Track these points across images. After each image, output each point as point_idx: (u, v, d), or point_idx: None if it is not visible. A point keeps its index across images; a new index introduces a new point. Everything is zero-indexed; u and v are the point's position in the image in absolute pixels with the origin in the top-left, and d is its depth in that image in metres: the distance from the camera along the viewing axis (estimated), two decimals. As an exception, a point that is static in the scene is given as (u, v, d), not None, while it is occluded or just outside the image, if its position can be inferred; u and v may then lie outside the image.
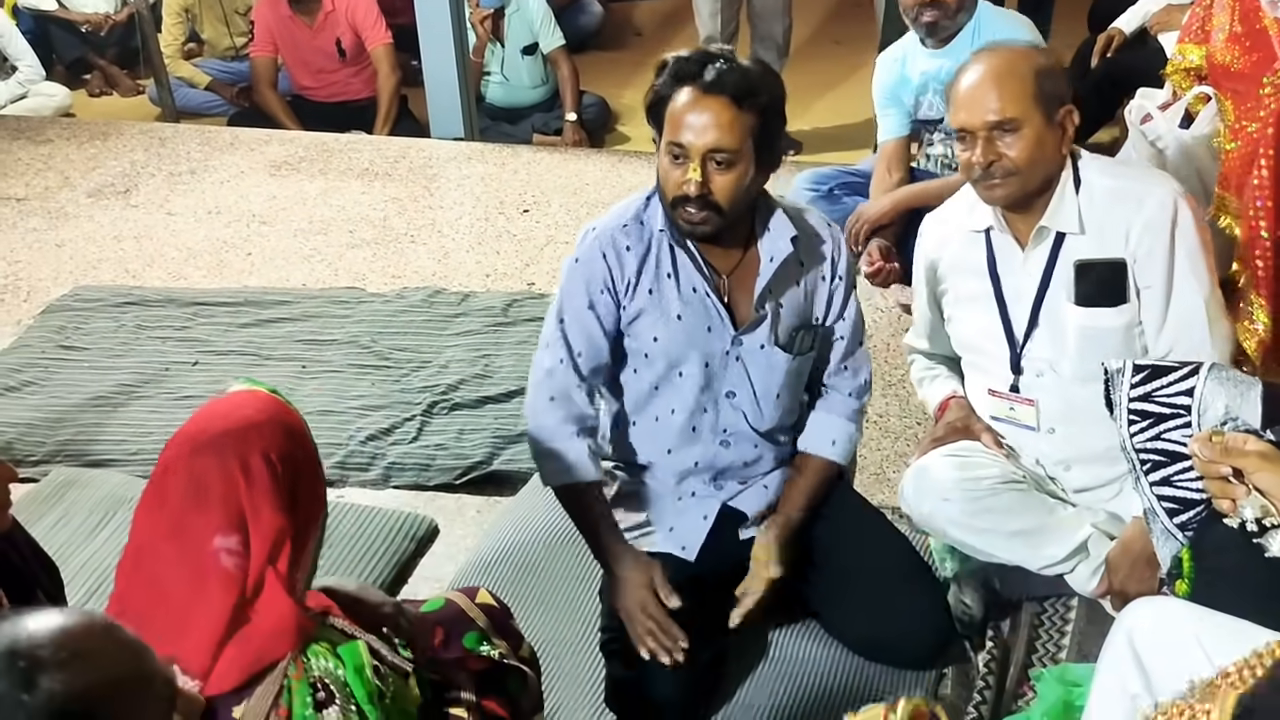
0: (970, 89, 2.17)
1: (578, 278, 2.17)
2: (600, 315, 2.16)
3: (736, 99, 1.99)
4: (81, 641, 0.98)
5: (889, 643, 2.25)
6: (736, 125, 1.99)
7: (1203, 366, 1.87)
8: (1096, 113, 4.33)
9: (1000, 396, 2.36)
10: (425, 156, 4.86)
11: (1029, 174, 2.17)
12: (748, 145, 2.01)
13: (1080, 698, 1.91)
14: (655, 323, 2.16)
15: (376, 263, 4.03)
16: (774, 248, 2.14)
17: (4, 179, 4.69)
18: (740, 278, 2.17)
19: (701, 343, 2.17)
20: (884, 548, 2.29)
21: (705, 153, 1.99)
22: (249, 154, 4.89)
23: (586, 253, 2.17)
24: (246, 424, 1.45)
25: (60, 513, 2.73)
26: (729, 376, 2.20)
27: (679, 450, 2.25)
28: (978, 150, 2.15)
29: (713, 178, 2.01)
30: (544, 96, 5.44)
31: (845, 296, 2.25)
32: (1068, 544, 2.29)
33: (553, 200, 4.44)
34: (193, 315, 3.62)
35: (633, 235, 2.15)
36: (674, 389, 2.20)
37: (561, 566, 2.55)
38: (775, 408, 2.24)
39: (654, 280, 2.15)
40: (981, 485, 2.28)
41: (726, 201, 2.03)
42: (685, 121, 2.00)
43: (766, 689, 2.25)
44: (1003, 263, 2.30)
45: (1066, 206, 2.21)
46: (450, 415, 3.14)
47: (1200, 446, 1.59)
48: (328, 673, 1.42)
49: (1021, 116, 2.13)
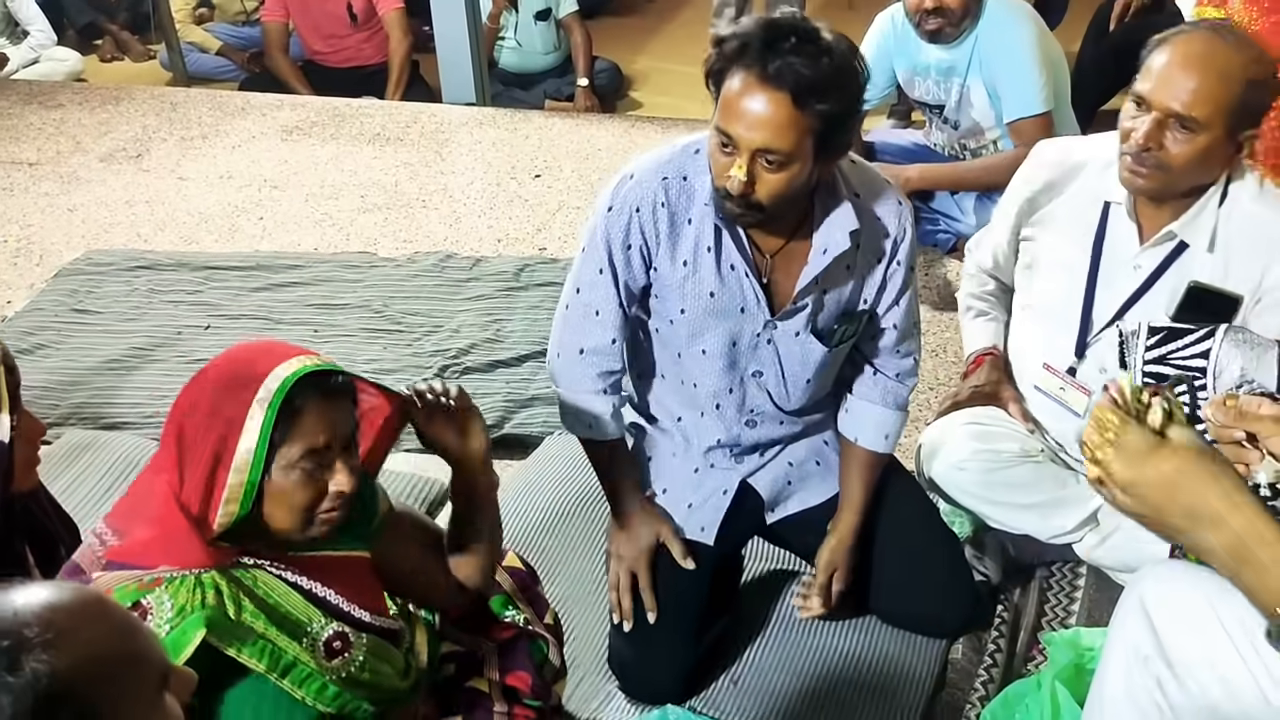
0: (1170, 66, 1.96)
1: (608, 228, 1.96)
2: (623, 270, 1.98)
3: (799, 98, 1.71)
4: (69, 619, 0.95)
5: (921, 612, 2.24)
6: (793, 126, 1.72)
7: (1219, 328, 1.85)
8: (1114, 78, 4.29)
9: (1055, 374, 2.26)
10: (437, 122, 4.84)
11: (1180, 178, 2.01)
12: (805, 146, 1.75)
13: (1092, 661, 1.91)
14: (685, 295, 1.98)
15: (388, 227, 4.02)
16: (829, 239, 1.91)
17: (16, 144, 4.69)
18: (785, 260, 1.97)
19: (732, 322, 2.00)
20: (914, 516, 2.24)
21: (754, 150, 1.75)
22: (260, 119, 4.88)
23: (620, 204, 1.95)
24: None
25: (74, 475, 2.74)
26: (758, 357, 2.05)
27: (704, 421, 2.14)
28: (1143, 128, 1.97)
29: (760, 175, 1.77)
30: (557, 62, 5.41)
31: (903, 282, 2.03)
32: (1078, 515, 2.29)
33: (564, 165, 4.43)
34: (205, 279, 3.63)
35: (672, 191, 1.93)
36: (696, 362, 2.06)
37: (572, 529, 2.56)
38: (804, 391, 2.10)
39: (691, 252, 1.95)
40: (999, 458, 2.27)
41: (770, 201, 1.81)
42: (737, 110, 1.74)
43: (775, 653, 2.25)
44: (1112, 246, 2.15)
45: (1204, 220, 2.07)
46: (462, 379, 3.14)
47: (1214, 410, 1.57)
48: (158, 601, 1.37)
49: (1205, 121, 1.94)
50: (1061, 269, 2.22)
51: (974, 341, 2.44)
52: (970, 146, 3.54)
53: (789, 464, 2.21)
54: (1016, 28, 3.30)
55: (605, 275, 1.99)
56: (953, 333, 3.26)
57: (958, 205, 3.57)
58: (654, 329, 2.09)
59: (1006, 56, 3.29)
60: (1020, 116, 3.31)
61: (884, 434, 2.16)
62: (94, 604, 1.00)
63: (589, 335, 2.03)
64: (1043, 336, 2.29)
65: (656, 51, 5.88)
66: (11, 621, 0.93)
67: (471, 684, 1.80)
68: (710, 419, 2.13)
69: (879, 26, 3.51)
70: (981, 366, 2.40)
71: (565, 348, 2.07)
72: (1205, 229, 2.07)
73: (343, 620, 1.53)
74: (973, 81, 3.37)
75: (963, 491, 2.32)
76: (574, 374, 2.07)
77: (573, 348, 2.06)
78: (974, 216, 3.46)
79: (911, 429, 2.85)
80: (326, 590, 1.54)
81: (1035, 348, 2.31)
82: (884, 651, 2.25)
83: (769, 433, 2.16)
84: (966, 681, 2.20)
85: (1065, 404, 2.27)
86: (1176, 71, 1.95)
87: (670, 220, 1.94)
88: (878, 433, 2.15)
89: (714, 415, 2.12)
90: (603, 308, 2.02)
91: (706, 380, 2.08)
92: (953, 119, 3.49)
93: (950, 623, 2.25)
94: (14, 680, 0.90)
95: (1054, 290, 2.24)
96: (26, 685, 0.90)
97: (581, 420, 2.09)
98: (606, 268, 1.99)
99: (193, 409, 1.44)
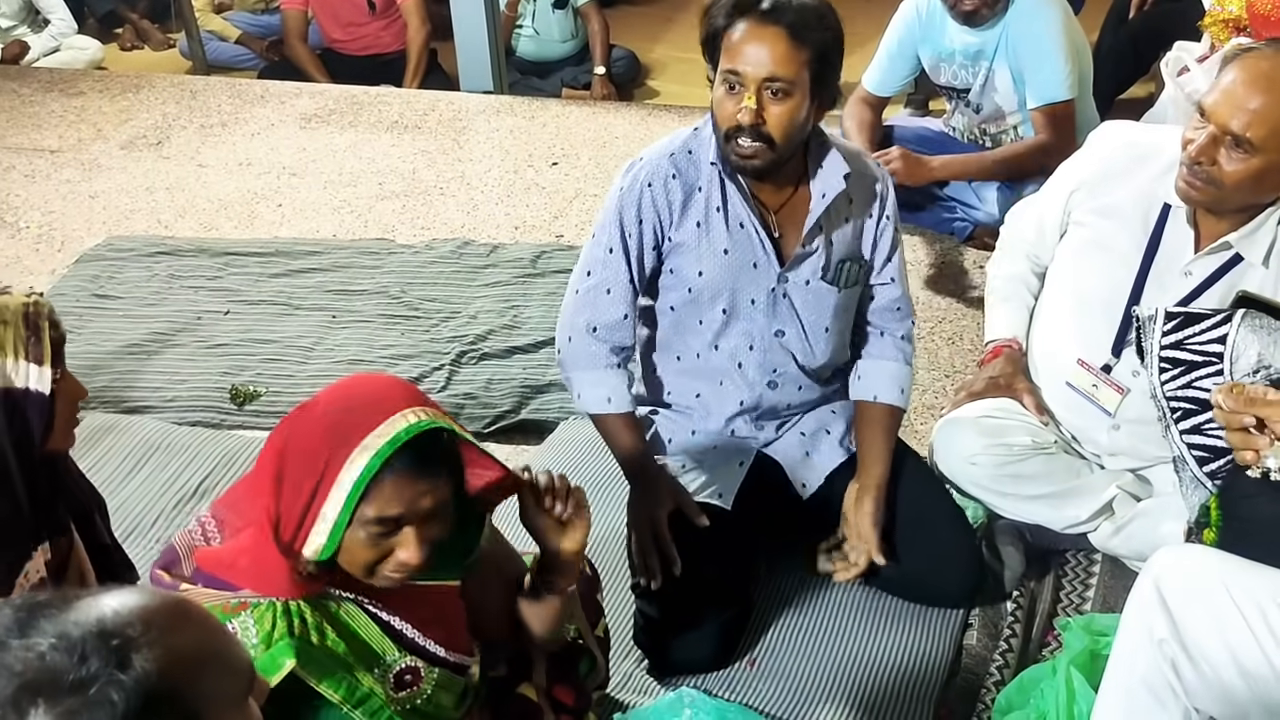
0: (1236, 83, 1.92)
1: (621, 206, 2.13)
2: (635, 248, 2.13)
3: (794, 30, 1.94)
4: (167, 621, 0.95)
5: (928, 582, 2.26)
6: (793, 56, 1.95)
7: (1236, 314, 1.85)
8: (1133, 66, 4.28)
9: (1090, 370, 2.24)
10: (454, 110, 4.85)
11: (1231, 194, 1.99)
12: (804, 77, 1.96)
13: (1106, 647, 1.92)
14: (701, 256, 2.12)
15: (405, 214, 4.03)
16: (826, 184, 2.10)
17: (38, 131, 4.72)
18: (789, 214, 2.13)
19: (747, 278, 2.14)
20: (922, 489, 2.28)
21: (761, 82, 1.95)
22: (279, 107, 4.90)
23: (630, 181, 2.13)
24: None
25: (97, 457, 2.76)
26: (778, 314, 2.17)
27: (725, 388, 2.23)
28: (1200, 142, 1.95)
29: (767, 107, 1.97)
30: (574, 50, 5.41)
31: (893, 237, 2.21)
32: (1092, 505, 2.28)
33: (581, 153, 4.43)
34: (224, 265, 3.65)
35: (680, 164, 2.12)
36: (718, 325, 2.18)
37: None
38: (825, 343, 2.21)
39: (703, 213, 2.11)
40: (1011, 452, 2.27)
41: (780, 134, 1.98)
42: (742, 51, 1.96)
43: (791, 636, 2.26)
44: (1166, 248, 2.13)
45: (1262, 235, 2.04)
46: (479, 365, 3.16)
47: (1223, 397, 1.58)
48: (243, 627, 1.38)
49: (1260, 144, 1.91)
50: (1112, 261, 2.19)
51: (994, 329, 2.43)
52: (990, 131, 3.53)
53: (801, 434, 2.30)
54: (1045, 14, 3.30)
55: (616, 254, 2.13)
56: (969, 321, 3.26)
57: (976, 194, 3.56)
58: (669, 307, 2.19)
59: (1034, 42, 3.28)
60: (1045, 103, 3.30)
61: (899, 388, 2.27)
62: (186, 607, 1.01)
63: (601, 313, 2.15)
64: (1079, 329, 2.26)
65: (674, 40, 5.87)
66: (116, 621, 0.93)
67: (522, 691, 1.77)
68: (731, 383, 2.23)
69: (904, 14, 3.52)
70: (999, 358, 2.39)
71: (576, 329, 2.18)
72: (1262, 244, 2.05)
73: (417, 654, 1.53)
74: (999, 66, 3.37)
75: (975, 485, 2.32)
76: (588, 352, 2.17)
77: (584, 328, 2.17)
78: (994, 206, 3.46)
79: (927, 416, 2.86)
80: (404, 624, 1.53)
81: (1070, 340, 2.28)
82: (899, 636, 2.26)
83: (788, 396, 2.26)
84: (981, 666, 2.21)
85: (1096, 401, 2.25)
86: (1239, 90, 1.91)
87: (683, 189, 2.11)
88: (893, 386, 2.26)
89: (737, 376, 2.22)
90: (614, 285, 2.15)
91: (728, 340, 2.19)
92: (975, 103, 3.49)
93: (961, 582, 2.26)
94: (125, 678, 0.90)
95: (1100, 282, 2.22)
96: (137, 683, 0.90)
97: (599, 395, 2.18)
98: (618, 245, 2.13)
99: (297, 442, 1.42)
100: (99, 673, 0.90)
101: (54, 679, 0.90)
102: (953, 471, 2.32)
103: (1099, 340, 2.22)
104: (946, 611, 2.29)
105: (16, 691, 0.89)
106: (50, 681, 0.89)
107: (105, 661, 0.90)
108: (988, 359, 2.42)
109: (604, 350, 2.17)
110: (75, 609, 0.94)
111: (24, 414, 1.50)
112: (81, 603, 0.95)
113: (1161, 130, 2.25)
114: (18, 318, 1.51)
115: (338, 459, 1.38)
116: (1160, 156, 2.14)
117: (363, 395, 1.45)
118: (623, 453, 2.21)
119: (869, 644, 2.25)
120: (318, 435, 1.41)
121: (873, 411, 2.27)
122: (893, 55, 3.54)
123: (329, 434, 1.40)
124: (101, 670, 0.90)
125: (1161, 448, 2.06)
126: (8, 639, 0.92)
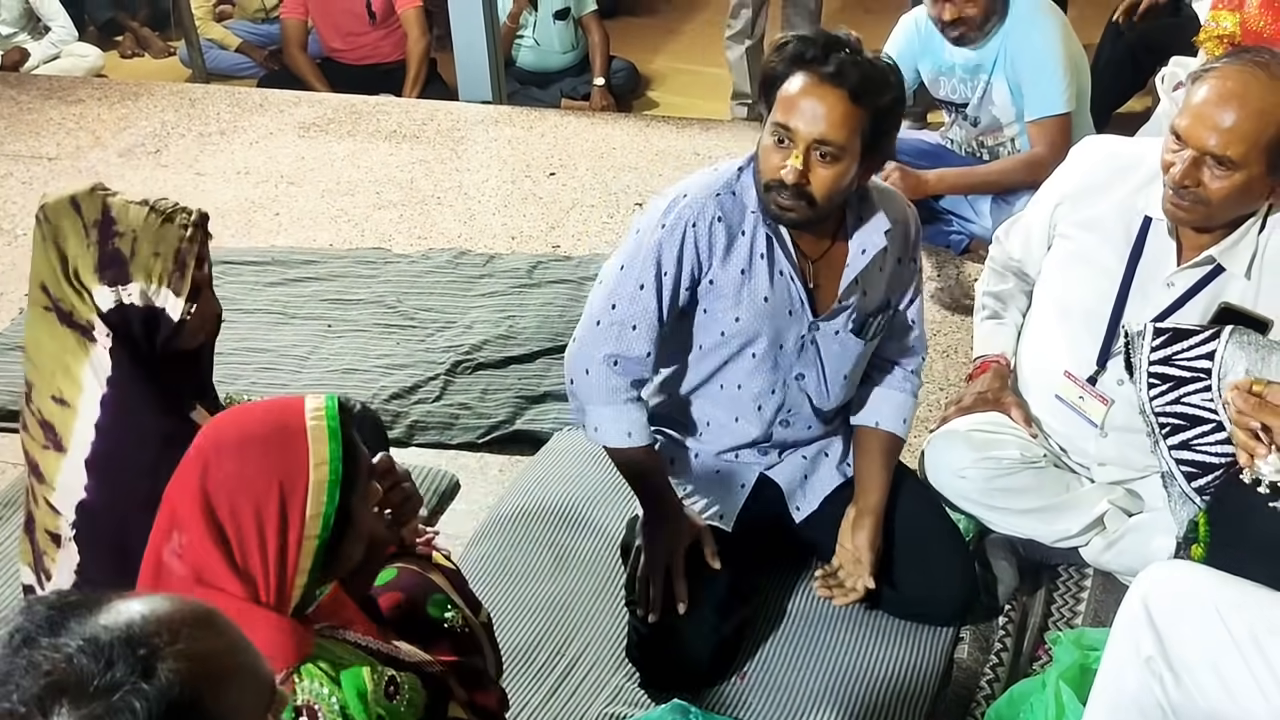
0: (1206, 104, 1.92)
1: (660, 244, 2.04)
2: (669, 287, 2.06)
3: (855, 94, 1.88)
4: (193, 630, 0.96)
5: (924, 602, 2.26)
6: (849, 122, 1.89)
7: (1224, 330, 1.85)
8: (1129, 80, 4.29)
9: (1076, 382, 2.25)
10: (453, 119, 4.86)
11: (1219, 212, 1.99)
12: (855, 143, 1.91)
13: (1096, 661, 1.91)
14: (740, 302, 2.08)
15: (403, 224, 4.04)
16: (868, 240, 2.07)
17: (36, 138, 4.72)
18: (826, 265, 2.11)
19: (782, 325, 2.11)
20: (919, 511, 2.28)
21: (811, 142, 1.90)
22: (278, 115, 4.91)
23: (675, 219, 2.04)
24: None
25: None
26: (803, 359, 2.16)
27: (739, 424, 2.22)
28: (1181, 165, 1.94)
29: (814, 169, 1.91)
30: (574, 61, 5.43)
31: (917, 279, 2.23)
32: (1083, 519, 2.28)
33: (579, 164, 4.44)
34: (221, 273, 3.59)
35: (725, 206, 2.05)
36: (742, 368, 2.15)
37: (583, 522, 2.57)
38: (842, 389, 2.22)
39: (746, 259, 2.06)
40: (1000, 465, 2.27)
41: (823, 196, 1.94)
42: (798, 106, 1.90)
43: (783, 650, 2.26)
44: (1148, 260, 2.13)
45: (1243, 248, 2.04)
46: (474, 375, 3.16)
47: (1236, 396, 1.58)
48: (318, 696, 1.33)
49: (1241, 161, 1.90)
50: (1096, 273, 2.19)
51: (983, 345, 2.45)
52: (988, 144, 3.54)
53: (803, 458, 2.30)
54: (1043, 26, 3.31)
55: (648, 290, 2.05)
56: (964, 334, 3.26)
57: (972, 207, 3.57)
58: (698, 345, 2.15)
59: (1032, 55, 3.29)
60: (1042, 116, 3.31)
61: (902, 418, 2.28)
62: (213, 618, 1.01)
63: (625, 348, 2.08)
64: (1065, 341, 2.27)
65: (674, 52, 5.89)
66: (144, 628, 0.94)
67: (452, 715, 1.67)
68: (746, 420, 2.22)
69: (902, 29, 3.53)
70: (986, 373, 2.41)
71: (594, 362, 2.10)
72: (1244, 255, 2.05)
73: (383, 661, 1.50)
74: (996, 79, 3.38)
75: (964, 499, 2.33)
76: (608, 386, 2.10)
77: (605, 360, 2.09)
78: (989, 219, 3.46)
79: (920, 430, 2.86)
80: (358, 636, 1.51)
81: (1057, 352, 2.29)
82: (891, 650, 2.25)
83: (797, 434, 2.26)
84: (972, 680, 2.21)
85: (1083, 413, 2.25)
86: (1211, 110, 1.90)
87: (726, 233, 2.05)
88: (897, 416, 2.28)
89: (754, 416, 2.21)
90: (640, 321, 2.07)
91: (752, 383, 2.17)
92: (973, 116, 3.49)
93: (948, 609, 2.26)
94: (149, 687, 0.91)
95: (1085, 294, 2.22)
96: (160, 693, 0.91)
97: (619, 430, 2.12)
98: (650, 283, 2.05)
99: (225, 495, 1.32)
100: (124, 679, 0.91)
101: (80, 682, 0.91)
102: (943, 486, 2.33)
103: (1084, 352, 2.23)
104: (938, 626, 2.29)
105: (43, 690, 0.90)
106: (76, 684, 0.91)
107: (131, 669, 0.92)
108: (975, 374, 2.43)
109: (624, 384, 2.10)
110: (106, 612, 0.96)
111: (157, 327, 1.84)
112: (112, 606, 0.97)
113: (1141, 143, 2.26)
114: (170, 251, 1.82)
115: (292, 503, 1.32)
116: (1140, 169, 2.14)
117: (245, 416, 1.40)
118: (643, 485, 2.18)
119: (860, 657, 2.25)
120: (236, 472, 1.33)
121: (873, 438, 2.27)
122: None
123: (255, 458, 1.33)
124: (126, 677, 0.91)
125: (1150, 456, 2.06)
126: (38, 636, 0.94)
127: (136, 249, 1.82)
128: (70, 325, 1.84)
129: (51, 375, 1.87)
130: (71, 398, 1.86)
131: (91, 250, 1.82)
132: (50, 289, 1.86)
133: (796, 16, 5.01)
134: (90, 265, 1.82)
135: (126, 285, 1.81)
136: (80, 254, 1.82)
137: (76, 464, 1.86)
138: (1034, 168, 3.27)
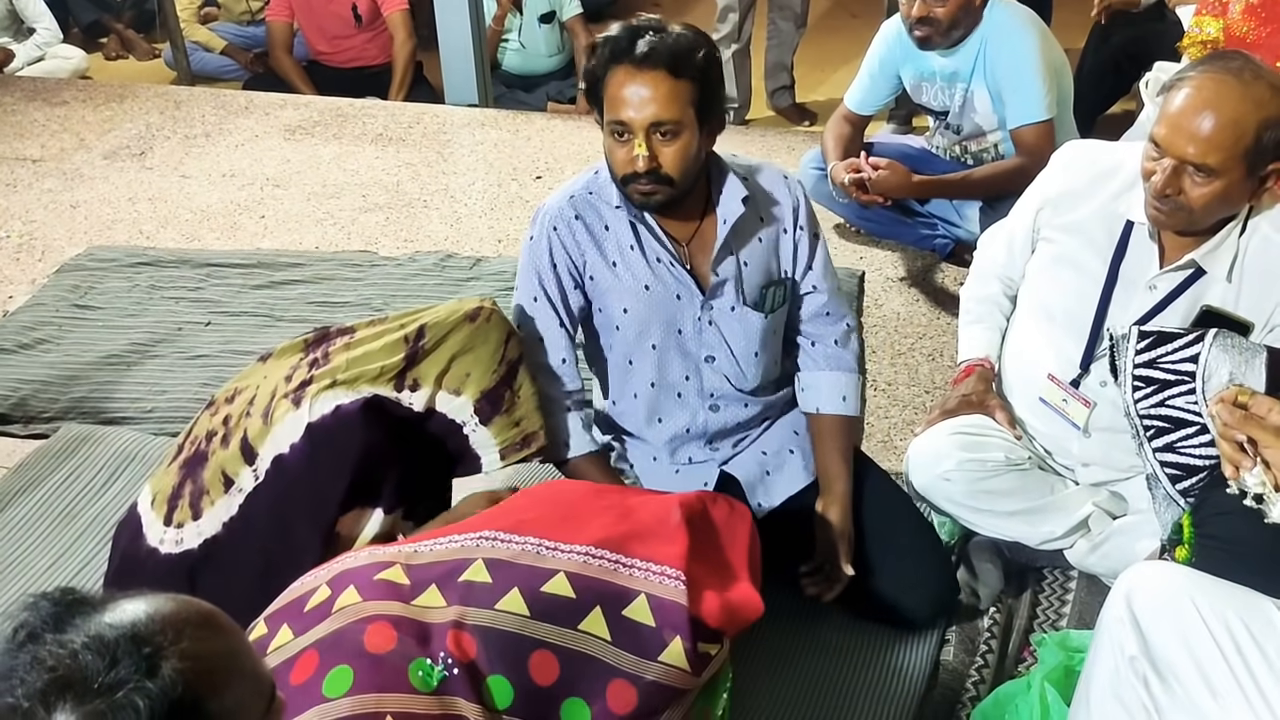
0: (1182, 113, 1.92)
1: (533, 256, 2.17)
2: (555, 294, 2.16)
3: (672, 69, 1.95)
4: (197, 631, 0.97)
5: (899, 605, 2.26)
6: (675, 95, 1.96)
7: (1208, 333, 1.86)
8: (1114, 86, 4.32)
9: (1059, 385, 2.26)
10: (439, 122, 4.86)
11: (1201, 217, 2.00)
12: (689, 114, 1.98)
13: (1080, 662, 1.92)
14: (623, 294, 2.16)
15: (389, 227, 4.04)
16: (727, 209, 2.13)
17: (20, 140, 4.71)
18: (700, 243, 2.16)
19: (672, 311, 2.17)
20: (890, 509, 2.29)
21: (648, 127, 1.96)
22: (263, 118, 4.90)
23: (538, 229, 2.17)
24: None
25: (72, 468, 2.76)
26: (705, 341, 2.20)
27: (669, 419, 2.27)
28: (1162, 174, 1.95)
29: (659, 150, 1.98)
30: (560, 64, 5.43)
31: (811, 246, 2.23)
32: (1068, 521, 2.28)
33: (565, 167, 4.44)
34: (206, 276, 3.64)
35: (580, 205, 2.15)
36: (650, 359, 2.21)
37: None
38: (756, 366, 2.25)
39: (616, 253, 2.15)
40: (985, 467, 2.27)
41: (676, 172, 2.01)
42: (624, 98, 1.97)
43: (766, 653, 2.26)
44: (1130, 263, 2.14)
45: (1224, 251, 2.05)
46: (460, 378, 3.15)
47: (1221, 409, 1.58)
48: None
49: (1220, 168, 1.91)
50: (1079, 276, 2.21)
51: (967, 349, 2.45)
52: (971, 150, 3.55)
53: (763, 453, 2.31)
54: (1021, 34, 3.31)
55: (541, 302, 2.18)
56: (950, 337, 3.27)
57: (957, 211, 3.58)
58: (607, 345, 2.23)
59: (1011, 63, 3.30)
60: (1023, 123, 3.32)
61: (840, 395, 2.29)
62: (217, 619, 1.01)
63: (542, 359, 2.19)
64: (1050, 344, 2.28)
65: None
66: (149, 627, 0.95)
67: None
68: (677, 410, 2.26)
69: (884, 35, 3.53)
70: (971, 376, 2.41)
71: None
72: (1225, 259, 2.06)
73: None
74: (976, 86, 3.39)
75: (949, 501, 2.33)
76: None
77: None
78: (976, 224, 3.47)
79: (907, 433, 2.87)
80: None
81: (1041, 355, 2.30)
82: (876, 651, 2.26)
83: (734, 416, 2.28)
84: (958, 682, 2.21)
85: (1066, 416, 2.27)
86: (1188, 119, 1.91)
87: (587, 229, 2.14)
88: (833, 395, 2.29)
89: (678, 404, 2.25)
90: (545, 333, 2.19)
91: (665, 373, 2.23)
92: (955, 123, 3.50)
93: (928, 603, 2.26)
94: (152, 686, 0.92)
95: (1068, 297, 2.23)
96: (163, 692, 0.91)
97: (559, 442, 2.19)
98: (540, 294, 2.17)
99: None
100: (127, 678, 0.92)
101: (84, 679, 0.91)
102: (927, 488, 2.33)
103: (1068, 355, 2.23)
104: (921, 626, 2.29)
105: (46, 686, 0.91)
106: (80, 680, 0.91)
107: (135, 667, 0.92)
108: (960, 378, 2.44)
109: (555, 395, 2.19)
110: (110, 610, 0.96)
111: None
112: (117, 605, 0.97)
113: (1122, 148, 2.26)
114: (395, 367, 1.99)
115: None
116: (1120, 173, 2.15)
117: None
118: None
119: (844, 660, 2.25)
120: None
121: (820, 424, 2.30)
122: (874, 75, 3.55)
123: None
124: (130, 675, 0.92)
125: (1134, 457, 2.07)
126: (43, 632, 0.94)
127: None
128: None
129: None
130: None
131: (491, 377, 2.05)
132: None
133: (782, 21, 5.04)
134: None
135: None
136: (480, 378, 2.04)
137: (300, 421, 1.95)
138: (1018, 174, 3.28)
